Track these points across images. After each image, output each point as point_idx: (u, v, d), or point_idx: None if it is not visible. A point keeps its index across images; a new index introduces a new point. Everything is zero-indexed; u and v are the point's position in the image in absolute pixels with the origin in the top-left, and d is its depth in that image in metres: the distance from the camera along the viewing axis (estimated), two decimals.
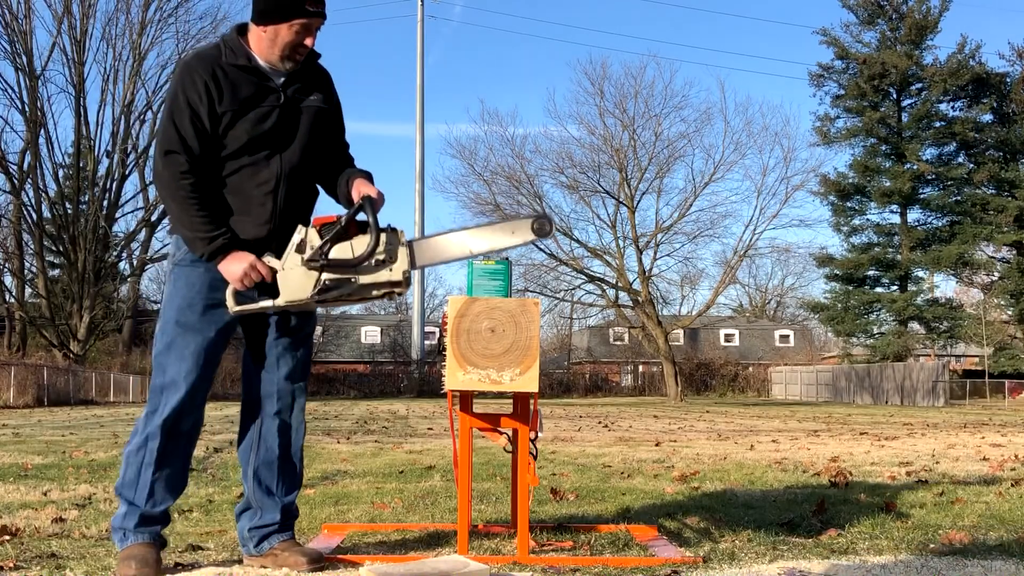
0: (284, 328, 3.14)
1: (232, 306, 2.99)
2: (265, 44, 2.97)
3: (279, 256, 2.99)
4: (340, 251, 2.96)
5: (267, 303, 3.00)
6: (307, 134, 3.08)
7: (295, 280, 2.96)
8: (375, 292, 3.02)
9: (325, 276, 2.95)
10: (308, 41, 2.97)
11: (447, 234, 3.13)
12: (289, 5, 2.90)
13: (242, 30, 3.05)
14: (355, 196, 3.06)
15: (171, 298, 3.06)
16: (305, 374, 3.22)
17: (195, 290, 3.02)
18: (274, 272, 2.98)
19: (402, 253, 3.01)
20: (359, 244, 2.97)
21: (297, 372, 3.17)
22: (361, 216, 3.00)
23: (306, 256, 2.95)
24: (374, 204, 2.99)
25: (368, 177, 3.15)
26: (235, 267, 2.94)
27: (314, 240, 2.95)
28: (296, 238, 2.97)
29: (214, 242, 2.93)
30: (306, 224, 3.06)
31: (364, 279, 2.99)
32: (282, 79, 3.03)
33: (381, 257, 2.98)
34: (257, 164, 3.01)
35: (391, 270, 3.00)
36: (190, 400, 3.00)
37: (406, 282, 3.02)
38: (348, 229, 2.97)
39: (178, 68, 3.01)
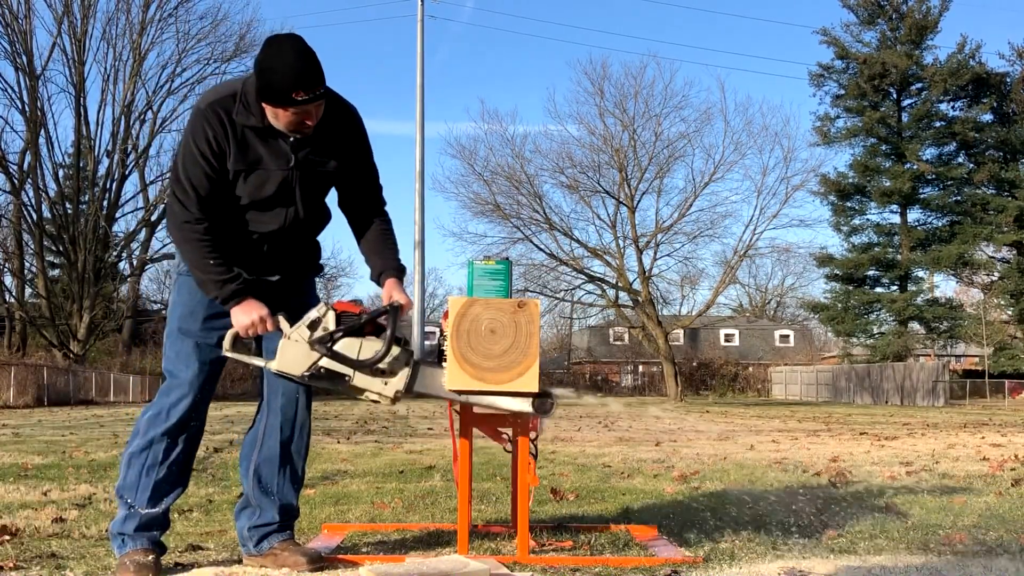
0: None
1: (227, 348, 2.99)
2: (270, 116, 2.91)
3: (293, 319, 2.96)
4: (347, 346, 2.94)
5: (260, 362, 3.02)
6: (312, 195, 3.08)
7: (294, 353, 2.94)
8: (362, 396, 3.00)
9: (323, 362, 2.93)
10: (309, 121, 2.90)
11: None
12: (279, 95, 2.82)
13: None
14: (385, 298, 3.06)
15: (174, 306, 3.11)
16: None
17: (196, 299, 3.06)
18: (277, 331, 2.96)
19: (403, 372, 2.99)
20: (368, 347, 2.94)
21: None
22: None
23: (314, 336, 2.92)
24: (397, 314, 2.96)
25: (401, 273, 3.13)
26: (243, 317, 2.94)
27: (329, 323, 2.93)
28: (313, 314, 2.94)
29: (226, 287, 2.93)
30: (304, 270, 3.10)
31: (358, 381, 2.96)
32: (294, 140, 2.97)
33: (383, 367, 2.95)
34: (258, 217, 3.02)
35: (386, 383, 2.98)
36: (196, 405, 3.04)
37: (394, 400, 2.99)
38: (365, 325, 2.95)
39: (193, 114, 2.97)
